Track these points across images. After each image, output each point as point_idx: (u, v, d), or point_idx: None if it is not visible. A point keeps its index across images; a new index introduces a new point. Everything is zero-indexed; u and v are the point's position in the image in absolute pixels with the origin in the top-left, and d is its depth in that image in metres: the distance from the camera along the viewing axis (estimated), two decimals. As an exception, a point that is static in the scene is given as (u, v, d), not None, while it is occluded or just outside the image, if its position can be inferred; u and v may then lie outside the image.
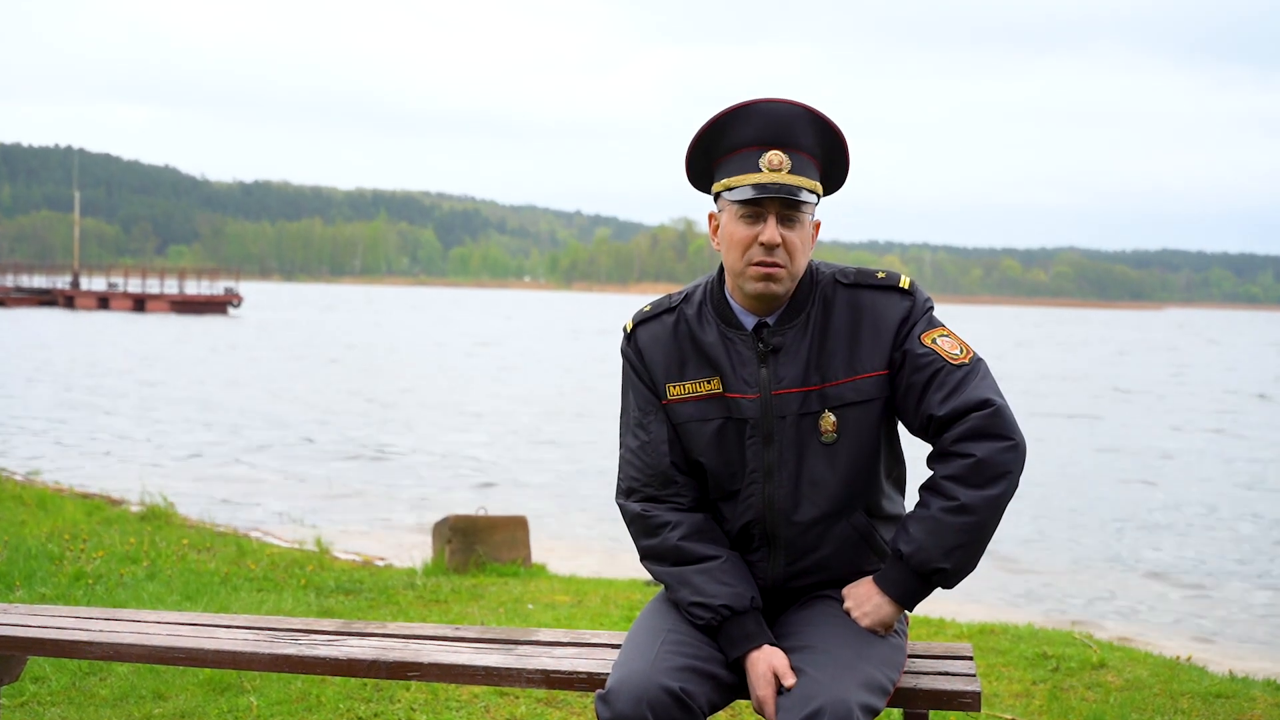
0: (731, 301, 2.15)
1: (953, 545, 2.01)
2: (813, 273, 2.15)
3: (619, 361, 2.26)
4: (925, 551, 2.02)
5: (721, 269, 2.18)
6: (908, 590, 2.06)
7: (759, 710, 1.98)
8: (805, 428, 2.09)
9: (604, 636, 2.51)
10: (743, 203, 2.05)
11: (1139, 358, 37.95)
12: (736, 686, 2.05)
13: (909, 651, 2.27)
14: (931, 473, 2.07)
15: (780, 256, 2.05)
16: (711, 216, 2.18)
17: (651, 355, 2.17)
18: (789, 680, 1.95)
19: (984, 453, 2.00)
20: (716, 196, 2.13)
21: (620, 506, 2.22)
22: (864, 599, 2.09)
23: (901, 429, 2.21)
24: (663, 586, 2.18)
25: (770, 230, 2.04)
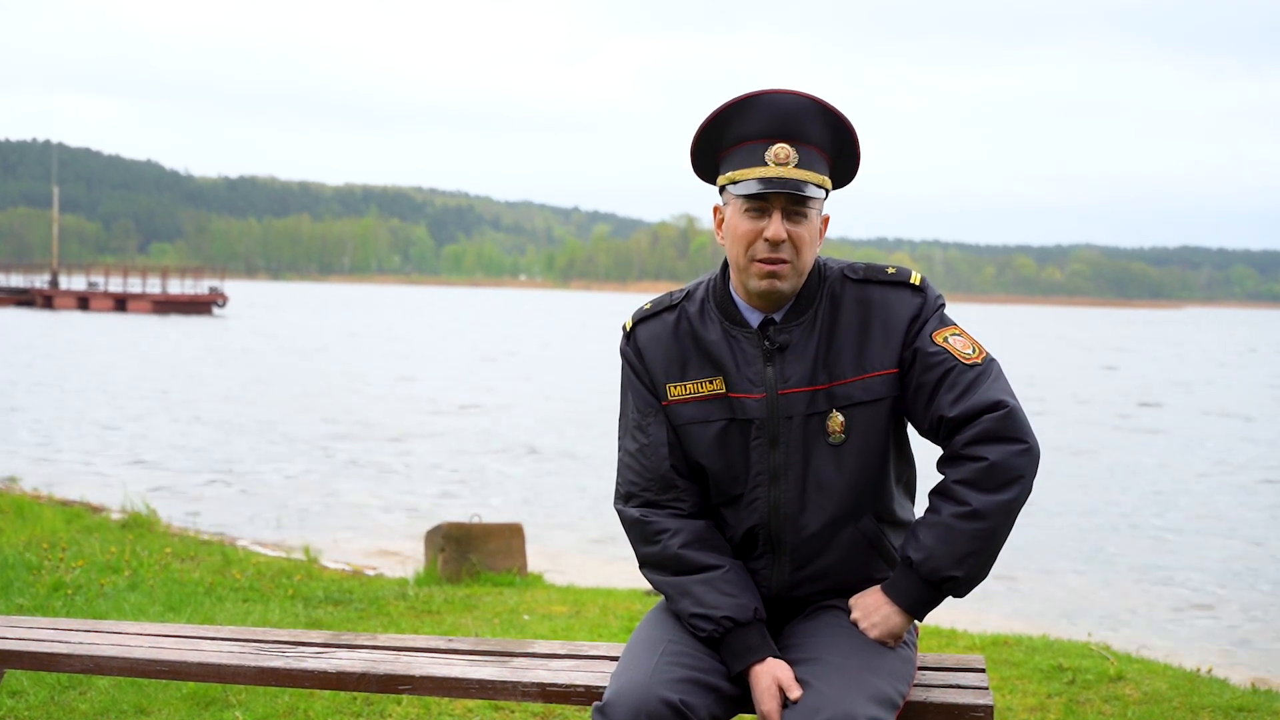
0: (736, 298, 2.09)
1: (965, 552, 1.96)
2: (821, 268, 2.10)
3: (616, 362, 2.20)
4: (936, 559, 1.97)
5: (726, 264, 2.13)
6: (918, 599, 2.01)
7: (764, 725, 1.92)
8: (812, 428, 2.04)
9: (602, 648, 2.47)
10: (748, 197, 2.01)
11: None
12: (740, 700, 2.01)
13: (919, 663, 2.23)
14: (942, 477, 2.02)
15: (786, 253, 2.00)
16: (716, 209, 2.13)
17: (651, 355, 2.12)
18: (794, 693, 1.91)
19: (996, 456, 1.96)
20: (722, 189, 2.09)
21: (618, 512, 2.17)
22: (872, 609, 2.04)
23: (911, 432, 2.15)
24: (663, 596, 2.11)
25: (775, 226, 1.99)
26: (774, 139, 2.00)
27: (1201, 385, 27.75)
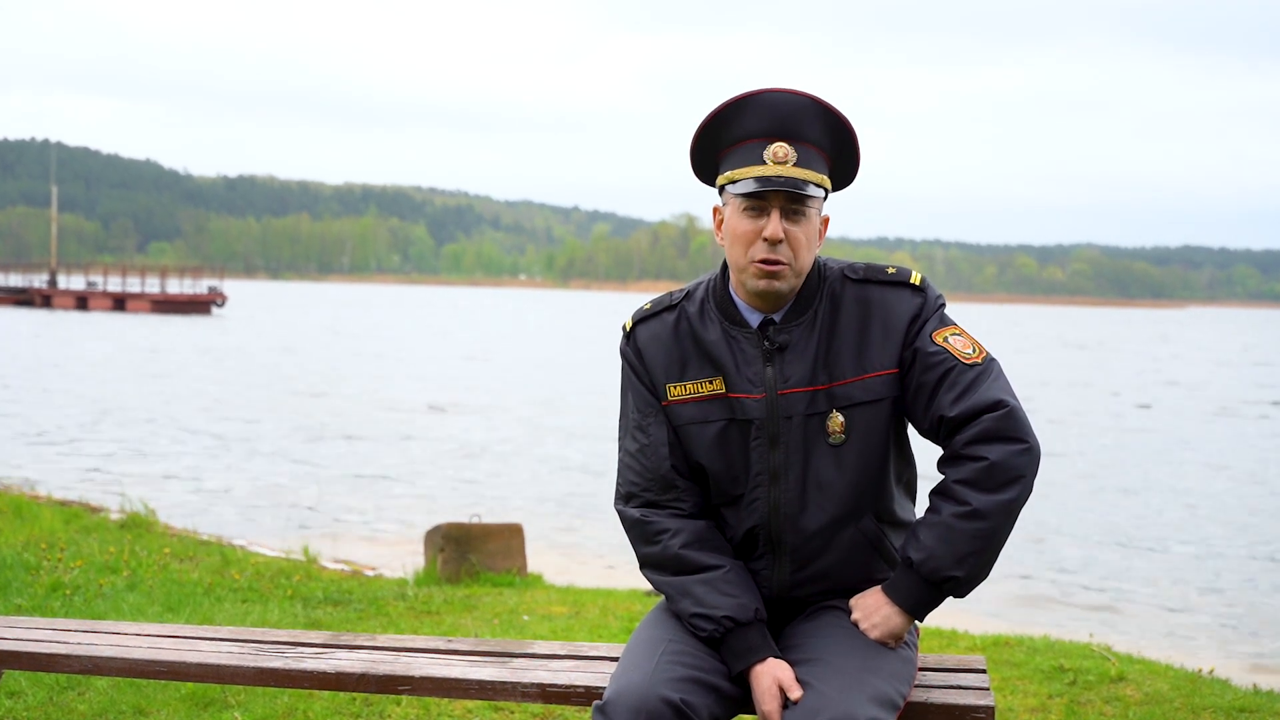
0: (735, 298, 2.09)
1: (965, 552, 1.96)
2: (820, 268, 2.09)
3: (615, 362, 2.20)
4: (936, 559, 1.96)
5: (725, 265, 2.12)
6: (918, 600, 2.01)
7: (765, 726, 1.91)
8: (812, 428, 2.04)
9: (602, 649, 2.46)
10: (746, 196, 2.00)
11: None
12: (740, 700, 2.00)
13: (920, 664, 2.22)
14: (942, 477, 2.01)
15: (784, 253, 2.00)
16: (716, 210, 2.12)
17: (651, 355, 2.12)
18: (795, 694, 1.91)
19: (997, 456, 1.95)
20: (721, 189, 2.08)
21: (619, 512, 2.16)
22: (872, 609, 2.04)
23: (912, 433, 2.15)
24: (663, 597, 2.11)
25: (774, 225, 1.99)
26: (773, 138, 1.99)
27: (1201, 385, 27.77)
